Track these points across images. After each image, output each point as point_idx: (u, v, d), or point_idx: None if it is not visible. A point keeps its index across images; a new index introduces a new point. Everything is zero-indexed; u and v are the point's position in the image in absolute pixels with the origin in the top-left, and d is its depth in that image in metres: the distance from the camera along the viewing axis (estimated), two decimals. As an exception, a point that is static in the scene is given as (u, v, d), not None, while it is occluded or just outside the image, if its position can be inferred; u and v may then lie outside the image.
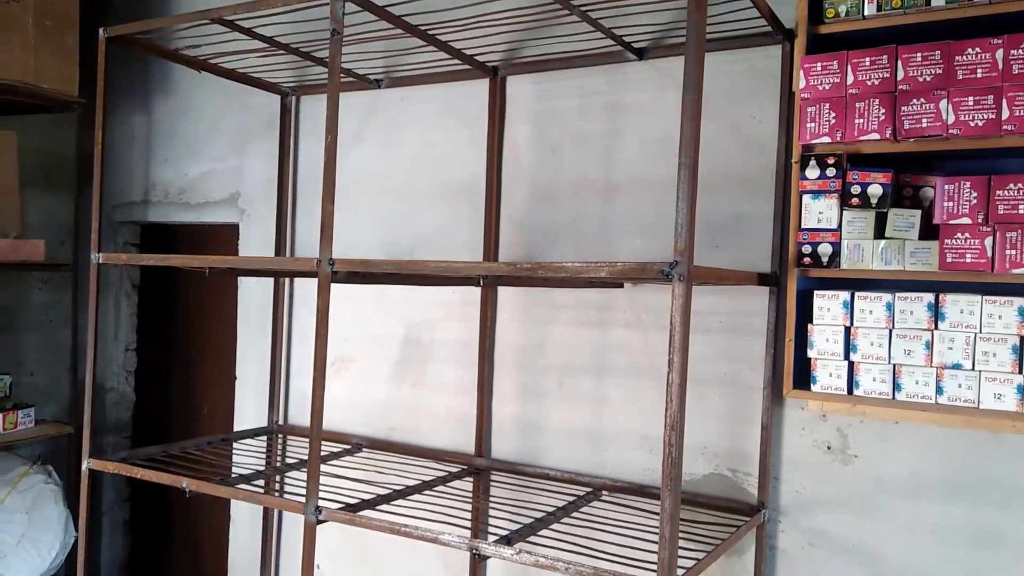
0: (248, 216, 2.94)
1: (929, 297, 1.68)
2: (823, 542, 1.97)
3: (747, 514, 1.99)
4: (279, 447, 2.67)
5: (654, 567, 1.45)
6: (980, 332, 1.63)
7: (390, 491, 2.04)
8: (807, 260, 1.80)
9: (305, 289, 2.82)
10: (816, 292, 1.80)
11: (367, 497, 1.97)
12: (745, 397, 2.06)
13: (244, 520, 2.92)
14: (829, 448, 1.97)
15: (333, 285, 1.86)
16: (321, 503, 1.86)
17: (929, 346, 1.67)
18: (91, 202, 2.30)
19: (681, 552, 1.48)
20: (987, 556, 1.79)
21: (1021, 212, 1.57)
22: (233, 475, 2.16)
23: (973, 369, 1.64)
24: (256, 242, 2.91)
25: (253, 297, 2.94)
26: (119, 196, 3.26)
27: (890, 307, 1.72)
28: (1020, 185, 1.57)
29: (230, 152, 2.99)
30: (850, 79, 1.72)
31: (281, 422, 2.83)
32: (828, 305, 1.79)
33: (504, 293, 2.43)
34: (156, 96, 3.19)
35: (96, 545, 3.28)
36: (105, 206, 2.52)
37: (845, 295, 1.77)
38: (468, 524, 2.26)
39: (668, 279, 1.41)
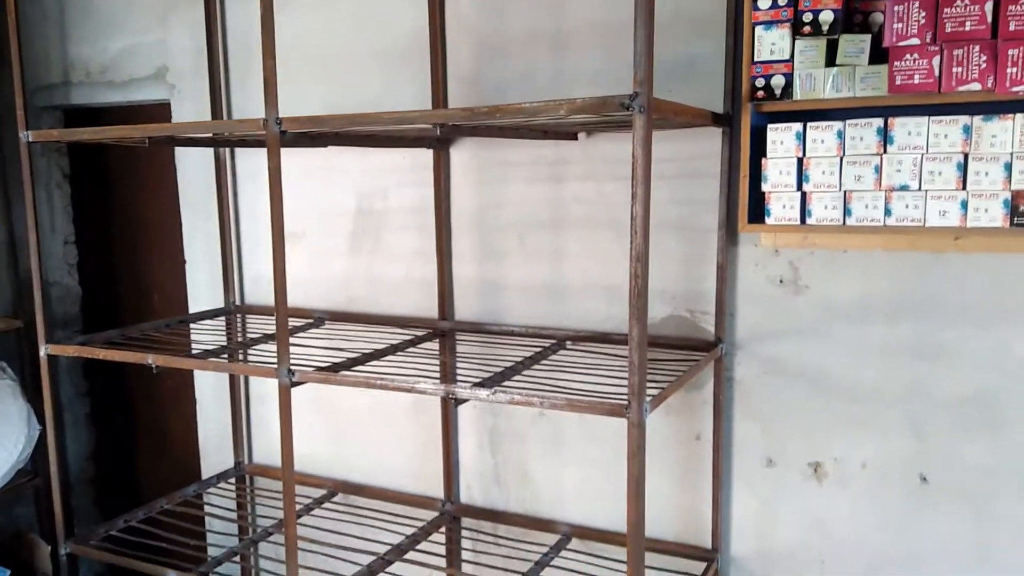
0: (179, 92, 2.80)
1: (878, 122, 1.72)
2: (777, 370, 2.08)
3: (705, 350, 2.08)
4: (239, 325, 2.66)
5: (624, 398, 1.51)
6: (927, 152, 1.68)
7: (359, 355, 2.07)
8: (760, 94, 1.81)
9: (248, 163, 2.73)
10: (769, 126, 1.83)
11: (337, 362, 1.99)
12: (701, 239, 2.11)
13: (210, 403, 2.93)
14: (781, 282, 2.04)
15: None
16: (293, 366, 1.87)
17: (878, 170, 1.72)
18: (8, 82, 2.15)
19: (648, 384, 1.54)
20: (928, 369, 1.91)
21: (968, 29, 1.59)
22: (198, 351, 2.15)
23: (920, 189, 1.70)
24: (189, 119, 2.78)
25: (193, 177, 2.84)
26: (36, 79, 3.06)
27: (840, 135, 1.75)
28: (966, 2, 1.59)
29: (152, 23, 2.81)
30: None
31: (238, 303, 2.80)
32: (781, 138, 1.81)
33: (456, 156, 2.40)
34: (62, -33, 2.96)
35: (61, 438, 3.27)
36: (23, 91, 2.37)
37: (797, 126, 1.79)
38: (439, 378, 2.31)
39: (628, 111, 1.41)
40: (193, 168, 2.84)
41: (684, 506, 2.22)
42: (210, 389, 2.91)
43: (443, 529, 2.43)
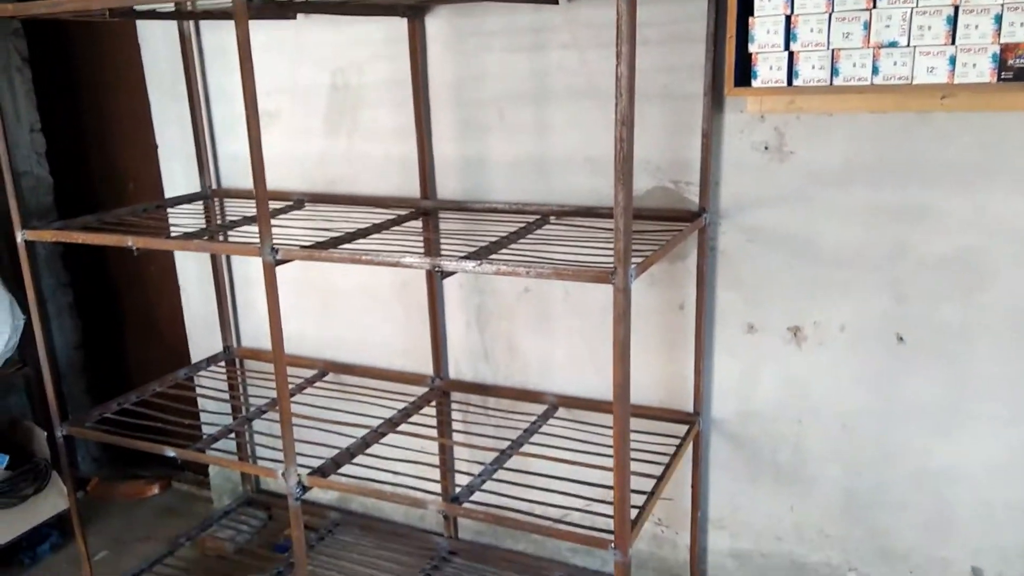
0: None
1: (869, -25, 1.66)
2: (760, 238, 2.09)
3: (689, 220, 2.08)
4: (218, 209, 2.62)
5: (610, 265, 1.52)
6: (916, 7, 1.64)
7: (343, 234, 2.05)
8: (748, -52, 1.74)
9: (215, 39, 2.62)
10: (757, -17, 1.76)
11: (321, 241, 1.98)
12: (685, 108, 2.07)
13: (194, 289, 2.92)
14: (767, 148, 2.03)
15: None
16: (276, 245, 1.86)
17: (867, 26, 1.68)
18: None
19: (632, 253, 1.54)
20: (910, 231, 1.93)
21: None
22: (177, 234, 2.13)
23: (908, 45, 1.66)
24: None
25: (159, 59, 2.73)
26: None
27: (831, -10, 1.70)
28: None
29: None
30: None
31: (214, 187, 2.75)
32: (769, -4, 1.75)
33: (432, 25, 2.30)
34: None
35: (47, 325, 3.27)
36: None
37: (786, -17, 1.73)
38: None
39: (613, -38, 1.35)
40: (158, 47, 2.72)
41: (667, 373, 2.27)
42: (194, 275, 2.90)
43: (433, 403, 2.49)
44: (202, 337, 2.95)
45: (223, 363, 2.82)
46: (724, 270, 2.15)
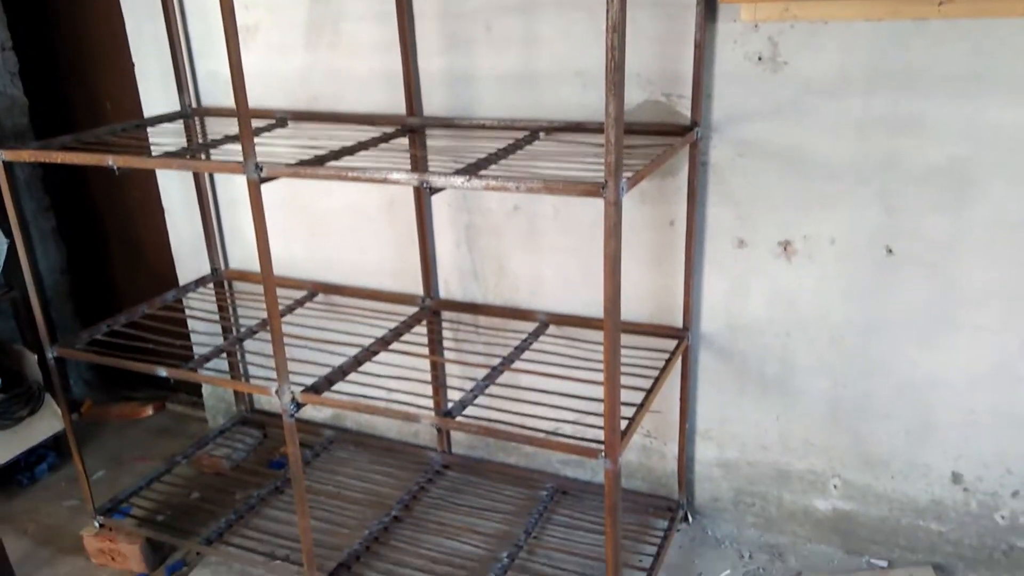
0: None
1: None
2: (752, 151, 2.07)
3: (681, 135, 2.05)
4: (198, 127, 2.56)
5: (600, 176, 1.50)
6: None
7: (327, 152, 2.01)
8: None
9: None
10: None
11: (305, 159, 1.94)
12: (678, 17, 2.02)
13: (179, 211, 2.88)
14: (760, 59, 1.98)
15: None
16: (260, 162, 1.82)
17: (867, -73, 1.62)
18: None
19: (623, 167, 1.51)
20: (902, 142, 1.91)
21: None
22: (159, 153, 2.08)
23: (909, -53, 1.61)
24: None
25: (132, -31, 2.62)
26: None
27: None
28: None
29: None
30: None
31: (194, 105, 2.68)
32: None
33: (415, -69, 2.22)
34: None
35: (31, 248, 3.23)
36: None
37: None
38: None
39: None
40: (129, -42, 2.61)
41: (657, 290, 2.28)
42: (178, 197, 2.85)
43: (424, 323, 2.50)
44: (189, 260, 2.93)
45: (211, 285, 2.81)
46: (715, 185, 2.13)
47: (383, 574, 2.23)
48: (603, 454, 1.67)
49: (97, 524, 2.46)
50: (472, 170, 1.80)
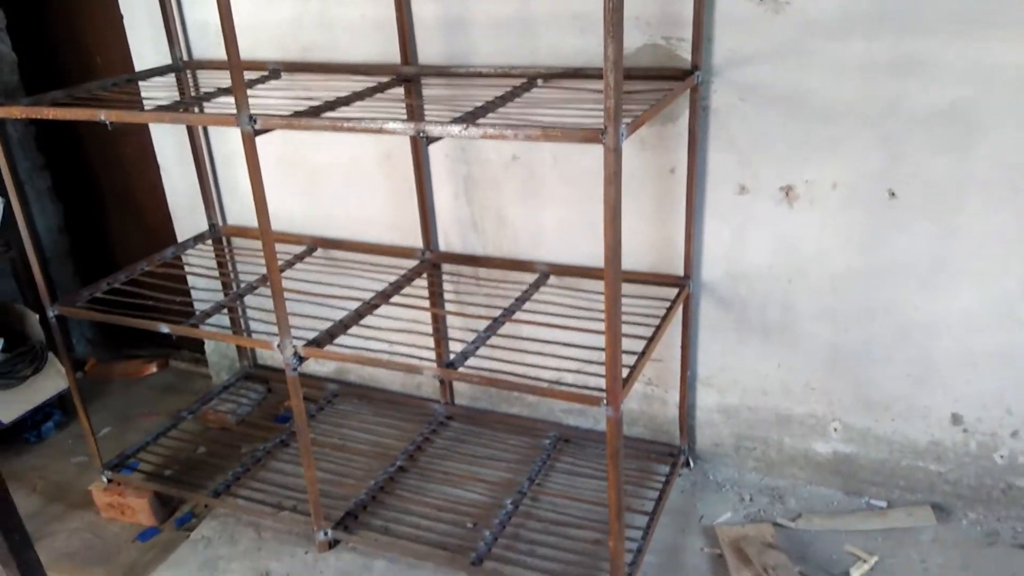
0: None
1: None
2: (753, 96, 2.03)
3: (681, 79, 2.01)
4: (191, 81, 2.52)
5: (600, 122, 1.47)
6: None
7: (322, 103, 1.98)
8: None
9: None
10: None
11: (300, 110, 1.91)
12: (677, -44, 1.97)
13: (174, 167, 2.85)
14: (761, 0, 1.94)
15: None
16: (254, 114, 1.80)
17: None
18: None
19: (623, 113, 1.49)
20: (905, 84, 1.88)
21: None
22: (151, 107, 2.05)
23: None
24: None
25: (115, -83, 2.55)
26: None
27: None
28: None
29: None
30: None
31: (185, 58, 2.63)
32: None
33: None
34: None
35: (27, 207, 3.21)
36: None
37: None
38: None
39: None
40: (112, -95, 2.54)
41: (658, 238, 2.27)
42: (173, 153, 2.82)
43: (424, 275, 2.49)
44: (186, 216, 2.91)
45: (210, 241, 2.79)
46: (716, 130, 2.10)
47: (390, 522, 2.26)
48: (605, 401, 1.68)
49: (105, 479, 2.49)
50: (469, 119, 1.77)
